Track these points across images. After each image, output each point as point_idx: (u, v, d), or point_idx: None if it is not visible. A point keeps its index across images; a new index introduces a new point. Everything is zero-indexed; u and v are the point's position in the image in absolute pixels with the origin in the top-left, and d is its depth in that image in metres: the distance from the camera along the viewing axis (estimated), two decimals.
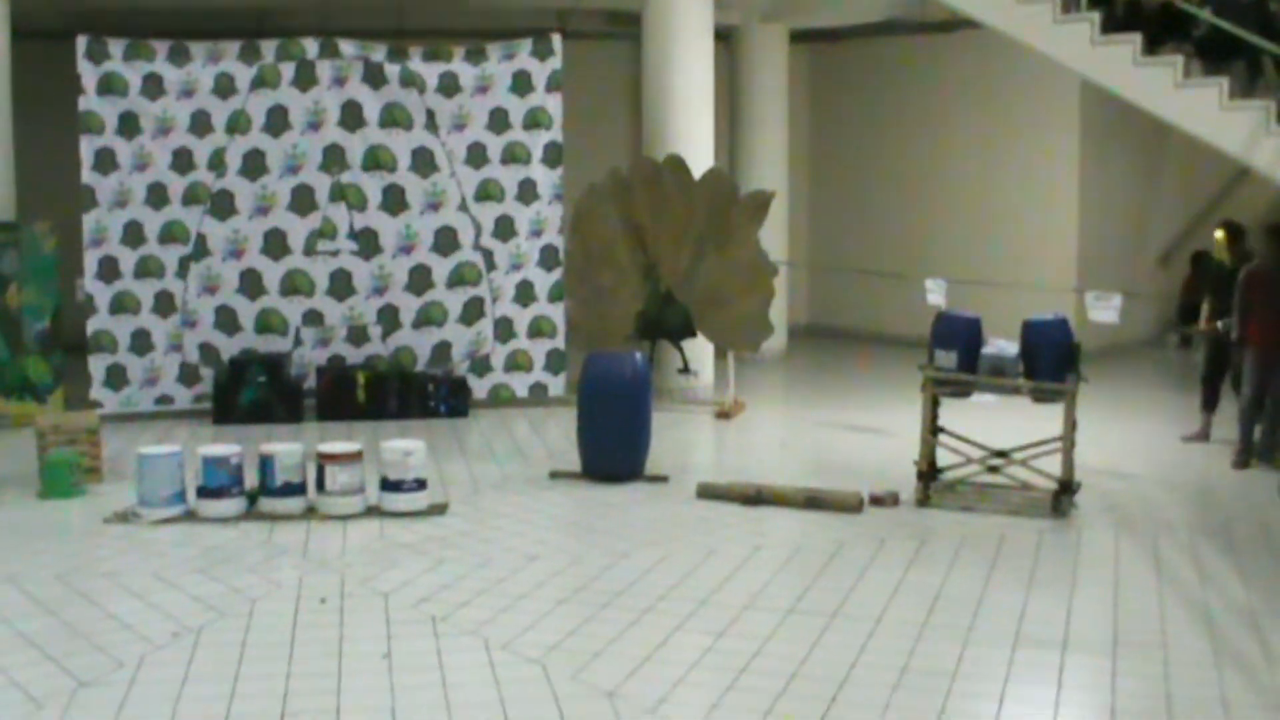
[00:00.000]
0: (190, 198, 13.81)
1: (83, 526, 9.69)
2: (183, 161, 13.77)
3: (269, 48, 13.86)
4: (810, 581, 8.25)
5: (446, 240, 14.19)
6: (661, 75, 15.00)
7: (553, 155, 14.33)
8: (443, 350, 14.28)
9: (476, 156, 14.18)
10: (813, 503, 9.99)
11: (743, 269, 14.15)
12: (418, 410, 13.75)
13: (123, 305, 13.79)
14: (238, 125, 13.83)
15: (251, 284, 13.95)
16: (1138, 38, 11.98)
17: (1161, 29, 12.43)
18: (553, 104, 14.31)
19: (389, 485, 9.81)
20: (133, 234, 13.76)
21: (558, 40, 14.35)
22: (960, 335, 10.24)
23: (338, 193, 14.01)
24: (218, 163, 13.82)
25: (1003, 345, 10.22)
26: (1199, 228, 18.22)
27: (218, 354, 13.90)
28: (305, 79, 13.88)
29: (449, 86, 14.09)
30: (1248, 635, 7.35)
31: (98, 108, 13.63)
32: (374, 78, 13.97)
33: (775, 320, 15.07)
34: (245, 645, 7.11)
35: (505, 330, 14.38)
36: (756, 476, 10.80)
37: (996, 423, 11.51)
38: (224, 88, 13.78)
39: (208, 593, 8.01)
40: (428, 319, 14.23)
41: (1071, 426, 9.88)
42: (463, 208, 14.21)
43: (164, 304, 13.84)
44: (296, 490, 9.80)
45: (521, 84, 14.22)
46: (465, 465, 11.61)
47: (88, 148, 13.65)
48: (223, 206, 13.86)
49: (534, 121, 14.27)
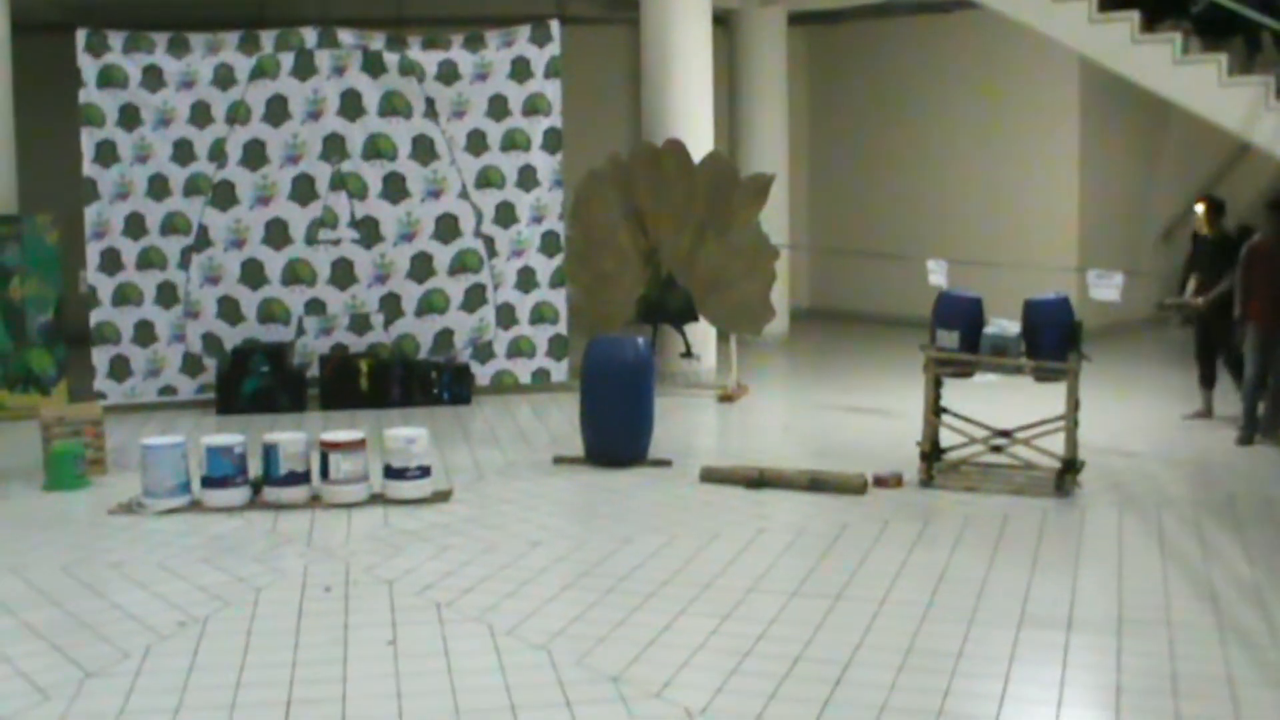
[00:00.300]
0: (191, 188, 13.82)
1: (87, 517, 9.71)
2: (183, 152, 13.78)
3: (268, 38, 13.86)
4: (814, 564, 8.26)
5: (448, 227, 14.20)
6: (660, 59, 14.97)
7: (552, 141, 14.33)
8: (445, 337, 14.29)
9: (476, 143, 14.18)
10: (816, 485, 10.00)
11: (744, 252, 14.14)
12: (421, 398, 13.77)
13: (125, 296, 13.81)
14: (238, 115, 13.83)
15: (253, 274, 13.96)
16: (1135, 15, 11.95)
17: (1159, 5, 12.39)
18: (552, 90, 14.30)
19: (393, 473, 9.82)
20: (135, 225, 13.77)
21: (556, 26, 14.33)
22: (962, 315, 10.23)
23: (338, 181, 14.01)
24: (218, 153, 13.83)
25: (1005, 325, 10.22)
26: None
27: (220, 344, 13.92)
28: (304, 69, 13.87)
29: (448, 74, 14.08)
30: (1253, 612, 7.35)
31: (98, 100, 13.64)
32: (373, 66, 13.96)
33: (777, 303, 15.07)
34: (251, 634, 7.13)
35: (507, 316, 14.39)
36: (760, 459, 10.81)
37: (999, 402, 11.54)
38: (223, 78, 13.78)
39: (213, 582, 8.03)
40: (430, 306, 14.24)
41: (1074, 405, 9.88)
42: (463, 195, 14.21)
43: (167, 295, 13.86)
44: (300, 479, 9.80)
45: (520, 70, 14.21)
46: (469, 452, 11.62)
47: (89, 140, 13.67)
48: (224, 197, 13.87)
49: (533, 108, 14.26)
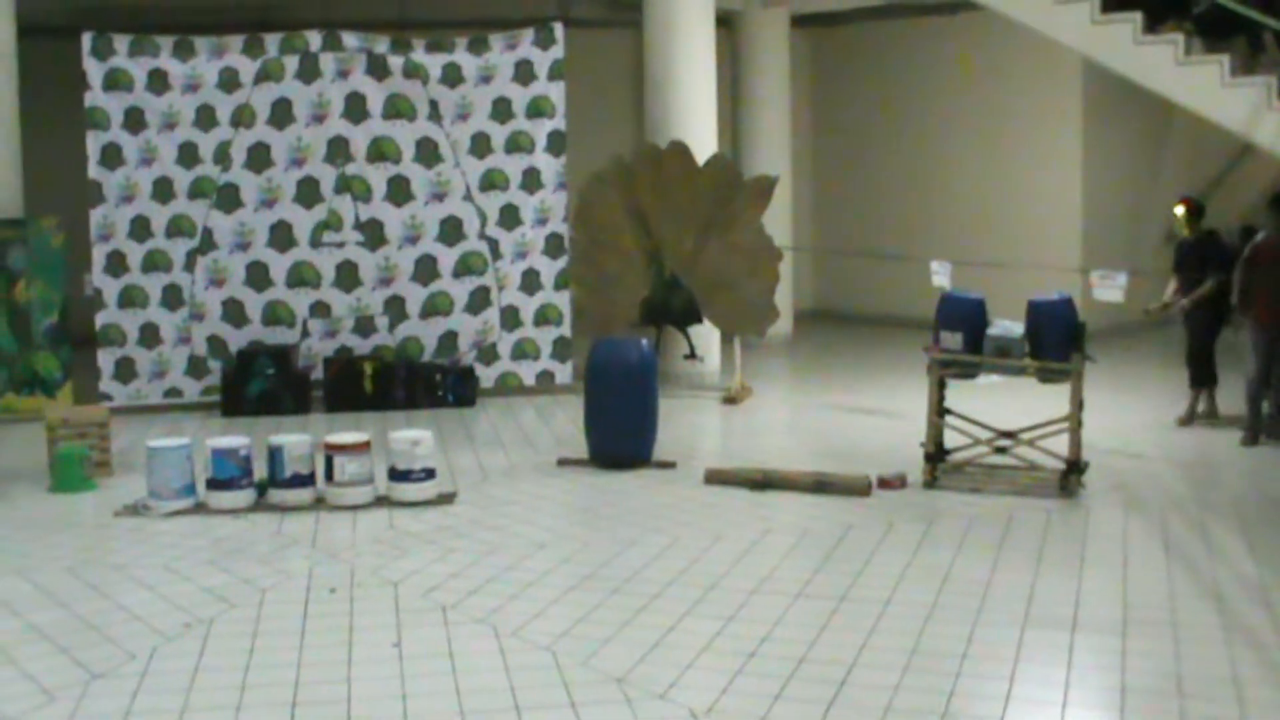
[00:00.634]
0: (196, 191, 13.85)
1: (93, 519, 9.72)
2: (188, 155, 13.81)
3: (272, 41, 13.89)
4: (818, 565, 8.26)
5: (452, 230, 14.21)
6: (663, 61, 14.99)
7: (556, 143, 14.34)
8: (449, 340, 14.30)
9: (480, 146, 14.20)
10: (820, 486, 10.00)
11: (747, 254, 14.16)
12: (425, 400, 13.78)
13: (131, 299, 13.84)
14: (242, 119, 13.85)
15: (258, 276, 13.98)
16: (1138, 16, 11.97)
17: (1161, 6, 12.40)
18: (555, 92, 14.31)
19: (397, 475, 9.83)
20: (140, 228, 13.80)
21: (559, 29, 14.35)
22: (965, 316, 10.24)
23: (343, 184, 14.04)
24: (223, 156, 13.85)
25: (1008, 326, 10.21)
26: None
27: (225, 346, 13.94)
28: (309, 72, 13.90)
29: (452, 77, 14.10)
30: (1258, 612, 7.35)
31: (103, 103, 13.68)
32: (377, 69, 13.99)
33: (781, 304, 15.09)
34: (256, 636, 7.14)
35: (511, 319, 14.40)
36: (764, 461, 10.81)
37: (1003, 403, 11.55)
38: (228, 82, 13.81)
39: (218, 584, 8.04)
40: (434, 309, 14.26)
41: (1078, 406, 9.89)
42: (467, 197, 14.23)
43: (172, 297, 13.88)
44: (305, 481, 9.81)
45: (524, 73, 14.23)
46: (473, 454, 11.63)
47: (94, 143, 13.71)
48: (229, 199, 13.90)
49: (537, 110, 14.28)
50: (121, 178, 13.74)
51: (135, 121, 13.71)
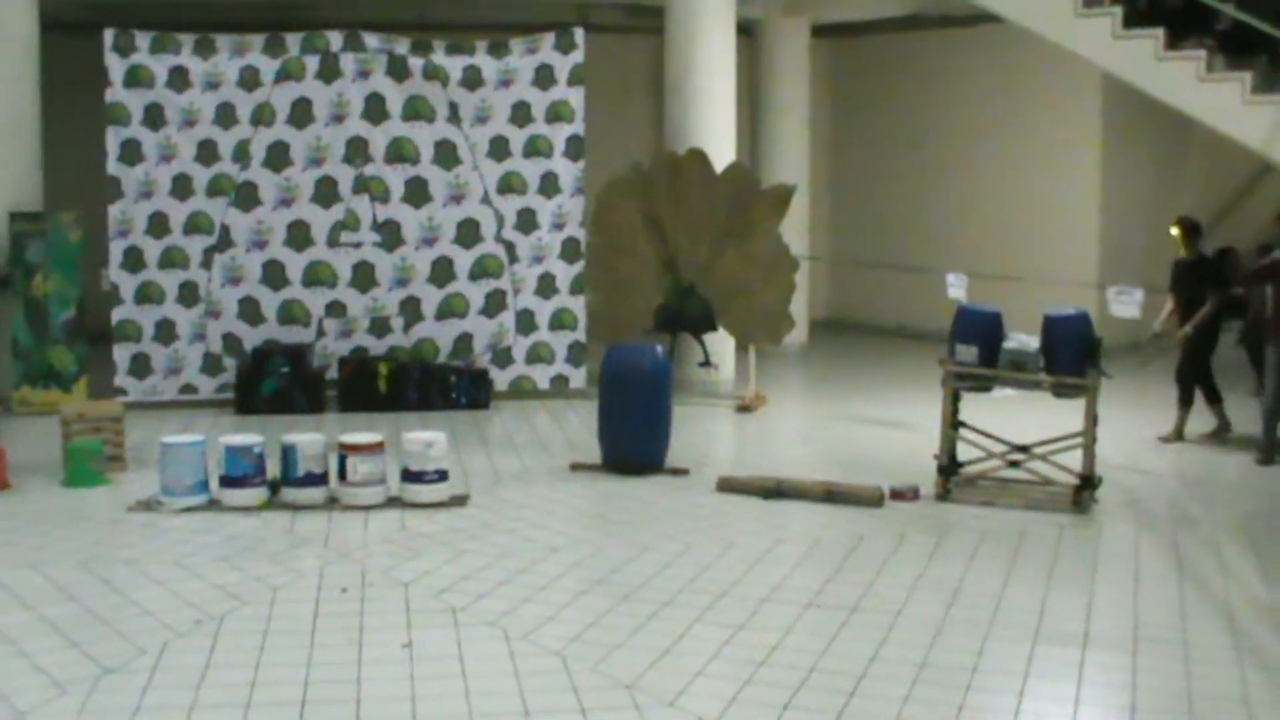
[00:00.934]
0: (215, 189, 13.88)
1: (106, 514, 9.74)
2: (207, 153, 13.84)
3: (293, 41, 13.92)
4: (829, 575, 8.26)
5: (469, 232, 14.23)
6: (683, 68, 15.00)
7: (575, 148, 14.35)
8: (464, 342, 14.31)
9: (499, 149, 14.21)
10: (832, 496, 10.00)
11: (763, 262, 14.16)
12: (439, 401, 13.79)
13: (147, 295, 13.87)
14: (262, 117, 13.88)
15: (275, 275, 14.01)
16: (1160, 32, 11.96)
17: (1184, 23, 12.40)
18: (575, 97, 14.33)
19: (410, 476, 9.83)
20: (158, 225, 13.83)
21: (580, 34, 14.37)
22: (981, 329, 10.22)
23: (361, 184, 14.06)
24: (242, 154, 13.88)
25: (1024, 339, 10.20)
26: (1223, 223, 18.13)
27: (240, 344, 13.97)
28: (329, 72, 13.93)
29: (472, 79, 14.12)
30: (1270, 633, 7.33)
31: (124, 99, 13.72)
32: (397, 70, 14.01)
33: (796, 314, 15.07)
34: (267, 634, 7.15)
35: (527, 322, 14.41)
36: (776, 470, 10.80)
37: (1017, 417, 11.53)
38: (249, 80, 13.84)
39: (229, 581, 8.05)
40: (450, 311, 14.27)
41: (1093, 421, 9.87)
42: (485, 200, 14.24)
43: (188, 294, 13.91)
44: (318, 480, 9.82)
45: (544, 77, 14.24)
46: (486, 457, 11.64)
47: (114, 139, 13.74)
48: (247, 198, 13.93)
49: (556, 115, 14.29)
50: (140, 174, 13.77)
51: (155, 118, 13.75)
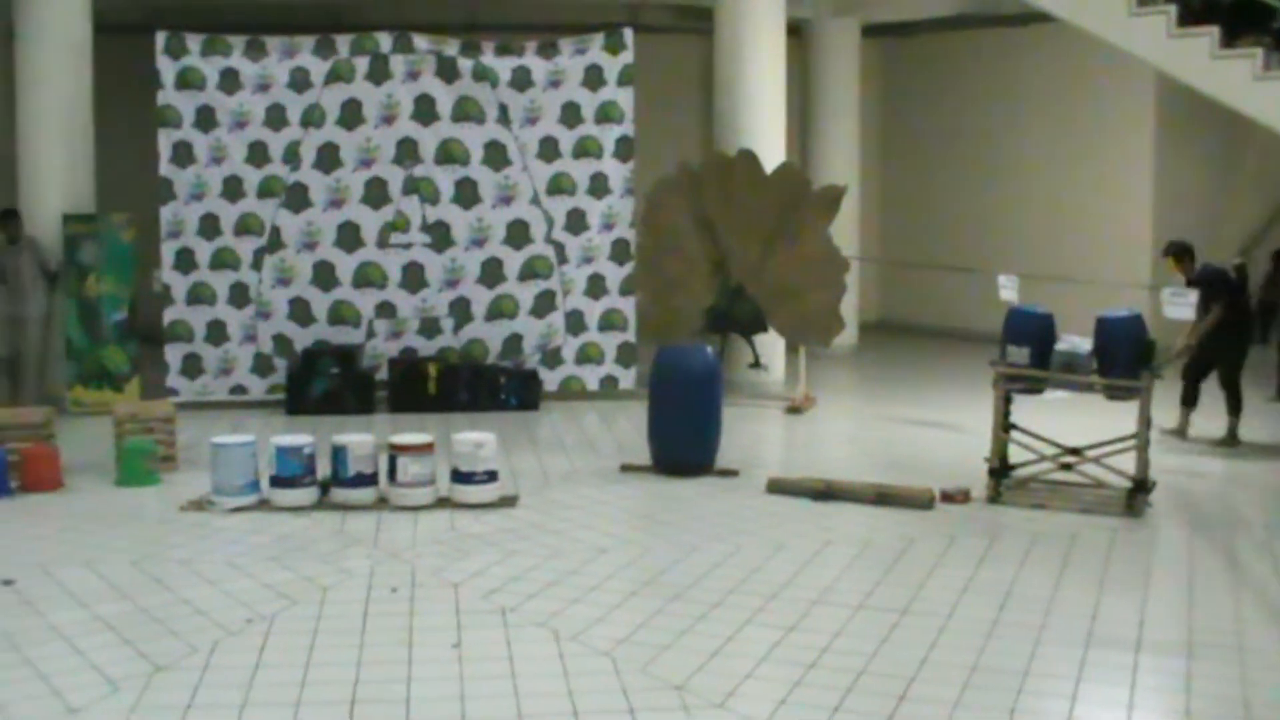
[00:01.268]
0: (265, 190, 13.96)
1: (158, 513, 9.81)
2: (258, 154, 13.91)
3: (343, 42, 13.97)
4: (880, 577, 8.21)
5: (518, 233, 14.25)
6: (733, 69, 14.97)
7: (624, 149, 14.34)
8: (514, 343, 14.33)
9: (548, 150, 14.22)
10: (883, 498, 9.95)
11: (814, 263, 14.11)
12: (488, 402, 13.81)
13: (198, 296, 13.96)
14: (312, 119, 13.94)
15: (325, 276, 14.07)
16: (1215, 30, 11.82)
17: (1240, 20, 12.24)
18: (624, 98, 14.32)
19: (460, 477, 9.85)
20: (209, 226, 13.92)
21: (629, 35, 14.36)
22: (1033, 331, 10.15)
23: (411, 186, 14.10)
24: (292, 156, 13.95)
25: (1076, 341, 10.12)
26: (1277, 225, 17.97)
27: (291, 345, 14.03)
28: (379, 73, 13.97)
29: (521, 81, 14.14)
30: None
31: (175, 102, 13.81)
32: (447, 72, 14.04)
33: (847, 315, 15.02)
34: (317, 633, 7.18)
35: (576, 323, 14.41)
36: (826, 471, 10.76)
37: (1069, 420, 11.42)
38: (299, 82, 13.91)
39: (280, 580, 8.09)
40: (499, 311, 14.29)
41: (1146, 424, 9.78)
42: (534, 201, 14.25)
43: (239, 295, 13.99)
44: (368, 481, 9.86)
45: (593, 78, 14.24)
46: (535, 457, 11.65)
47: (165, 141, 13.84)
48: (297, 199, 14.00)
49: (605, 115, 14.29)
50: (192, 175, 13.86)
51: (206, 120, 13.83)
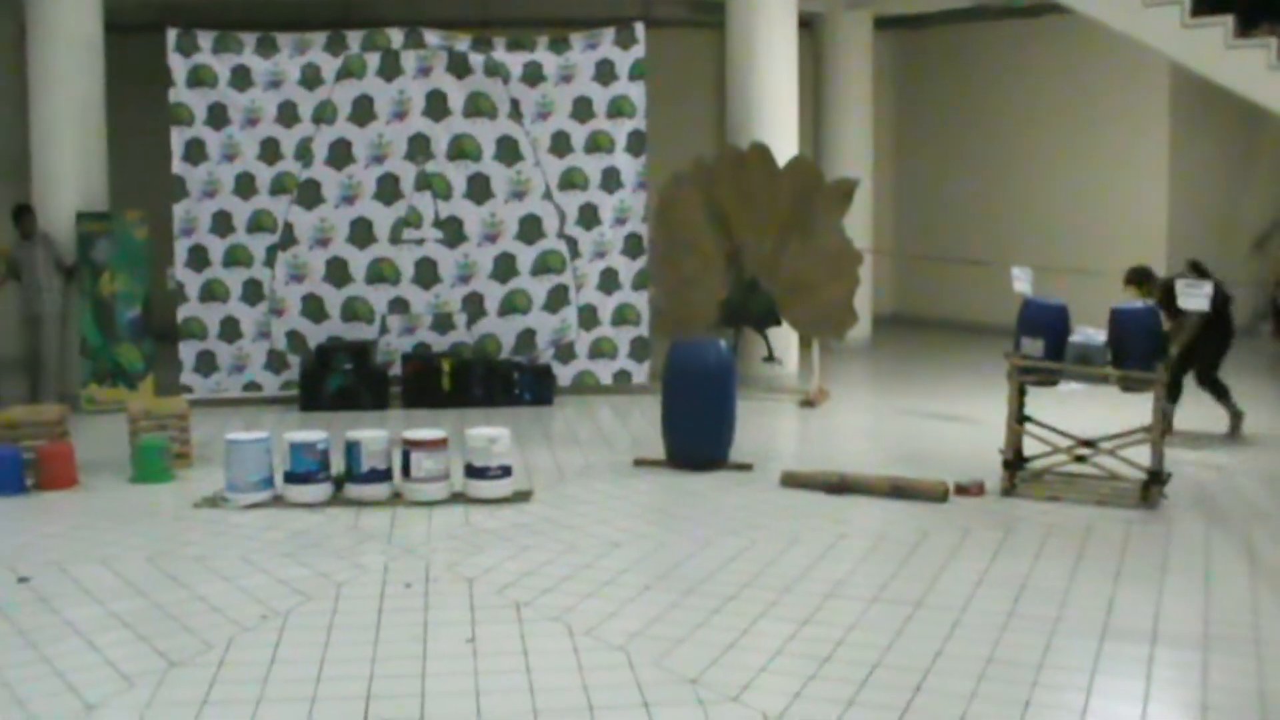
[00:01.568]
0: (278, 187, 13.98)
1: (172, 510, 9.83)
2: (270, 151, 13.94)
3: (355, 39, 13.99)
4: (894, 570, 8.20)
5: (531, 228, 14.25)
6: (745, 63, 14.96)
7: (636, 143, 14.34)
8: (527, 338, 14.34)
9: (560, 145, 14.23)
10: (897, 491, 9.93)
11: (828, 257, 14.09)
12: (502, 397, 13.82)
13: (212, 293, 13.99)
14: (324, 115, 13.96)
15: (338, 272, 14.09)
16: (1229, 19, 11.78)
17: (1254, 9, 12.20)
18: (636, 92, 14.32)
19: (474, 472, 9.85)
20: (222, 223, 13.95)
21: (641, 29, 14.36)
22: (1047, 323, 10.11)
23: (423, 181, 14.11)
24: (304, 152, 13.97)
25: (1090, 333, 10.09)
26: None
27: (305, 341, 14.06)
28: (390, 69, 13.99)
29: (533, 76, 14.14)
30: None
31: (187, 99, 13.84)
32: (458, 67, 14.05)
33: (860, 308, 14.99)
34: (332, 629, 7.18)
35: (589, 318, 14.42)
36: (841, 465, 10.73)
37: (1084, 412, 11.40)
38: (311, 78, 13.93)
39: (294, 576, 8.09)
40: (512, 307, 14.30)
41: (1161, 416, 9.75)
42: (547, 196, 14.26)
43: (252, 292, 14.01)
44: (382, 476, 9.87)
45: (605, 73, 14.24)
46: (549, 452, 11.65)
47: (178, 139, 13.87)
48: (310, 196, 14.02)
49: (617, 110, 14.29)
50: (204, 173, 13.89)
51: (218, 117, 13.86)
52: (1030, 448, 10.34)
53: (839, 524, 9.25)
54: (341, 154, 14.01)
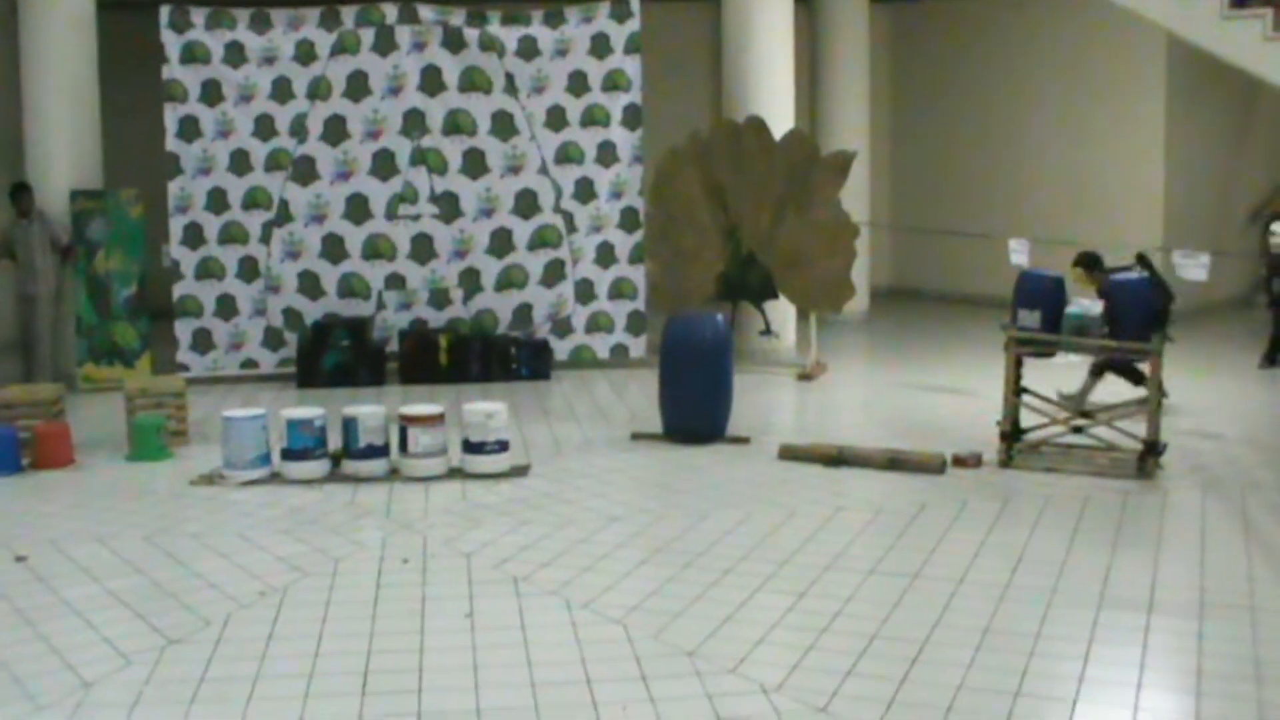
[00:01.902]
0: (273, 164, 13.95)
1: (170, 488, 9.83)
2: (265, 128, 13.90)
3: (349, 14, 13.95)
4: (892, 542, 8.21)
5: (527, 203, 14.23)
6: (741, 36, 14.89)
7: (632, 117, 14.31)
8: (524, 312, 14.33)
9: (556, 119, 14.20)
10: (894, 464, 9.94)
11: (824, 230, 14.06)
12: (499, 372, 13.81)
13: (208, 271, 13.96)
14: (318, 91, 13.92)
15: (334, 248, 14.07)
16: None
17: None
18: (631, 66, 14.28)
19: (471, 447, 9.86)
20: (217, 200, 13.92)
21: (636, 2, 14.31)
22: (1044, 295, 10.12)
23: (418, 157, 14.08)
24: (299, 129, 13.93)
25: (1087, 305, 10.09)
26: None
27: (301, 318, 14.04)
28: (385, 44, 13.94)
29: (528, 50, 14.10)
30: None
31: (181, 76, 13.79)
32: (453, 42, 14.01)
33: (857, 281, 14.96)
34: (329, 605, 7.19)
35: (586, 292, 14.40)
36: (838, 437, 10.75)
37: (1081, 383, 11.39)
38: (305, 54, 13.88)
39: (292, 553, 8.10)
40: (509, 282, 14.29)
41: (1157, 387, 9.75)
42: (543, 170, 14.23)
43: (248, 269, 13.99)
44: (379, 452, 9.87)
45: (600, 47, 14.20)
46: (547, 427, 11.65)
47: (172, 116, 13.82)
48: (305, 172, 13.98)
49: (613, 84, 14.25)
50: (199, 150, 13.85)
51: (212, 94, 13.82)
52: (1027, 419, 10.35)
53: (837, 496, 9.26)
54: (336, 130, 13.98)
